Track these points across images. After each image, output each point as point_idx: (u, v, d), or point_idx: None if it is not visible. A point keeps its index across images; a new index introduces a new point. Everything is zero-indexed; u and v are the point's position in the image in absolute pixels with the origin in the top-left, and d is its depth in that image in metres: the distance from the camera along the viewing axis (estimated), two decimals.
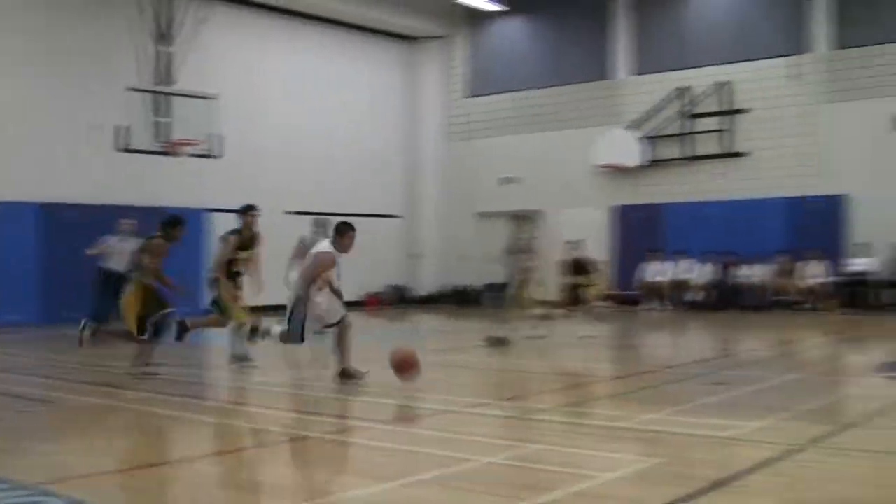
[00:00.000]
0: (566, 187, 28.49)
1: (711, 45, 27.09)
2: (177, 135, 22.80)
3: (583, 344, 16.52)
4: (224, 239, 13.36)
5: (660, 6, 28.07)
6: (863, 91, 24.75)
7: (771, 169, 25.59)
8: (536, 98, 29.59)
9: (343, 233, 11.73)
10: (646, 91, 27.57)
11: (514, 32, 30.54)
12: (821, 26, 25.56)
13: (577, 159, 27.91)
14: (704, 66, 26.90)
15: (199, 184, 24.73)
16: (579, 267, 18.12)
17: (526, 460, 7.54)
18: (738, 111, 26.43)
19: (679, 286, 25.97)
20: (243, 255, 13.31)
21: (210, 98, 22.80)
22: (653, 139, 27.31)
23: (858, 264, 24.07)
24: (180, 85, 23.53)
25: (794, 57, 25.80)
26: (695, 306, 25.54)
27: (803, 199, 24.97)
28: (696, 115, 26.93)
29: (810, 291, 24.15)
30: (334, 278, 11.90)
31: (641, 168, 27.27)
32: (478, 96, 31.00)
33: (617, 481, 6.81)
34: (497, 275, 23.96)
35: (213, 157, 23.10)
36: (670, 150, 27.22)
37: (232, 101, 24.43)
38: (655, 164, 27.27)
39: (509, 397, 10.79)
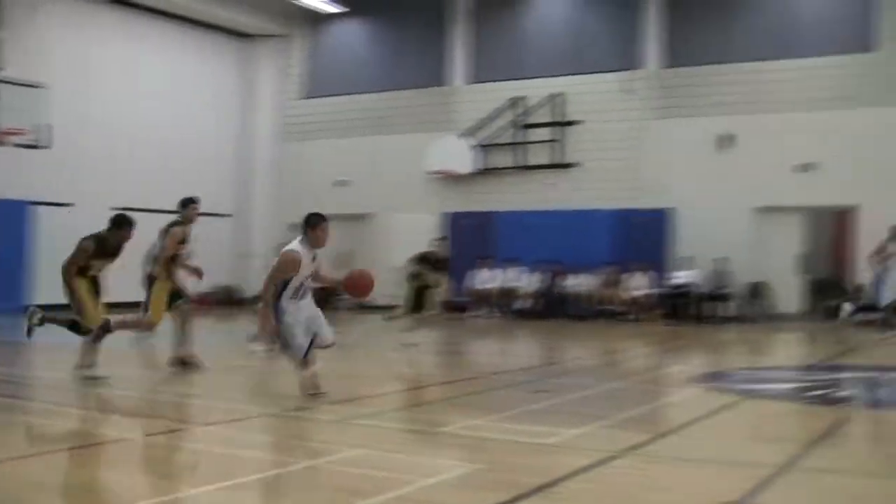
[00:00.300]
0: (399, 192, 28.56)
1: (547, 56, 27.52)
2: (3, 123, 22.12)
3: (408, 350, 16.50)
4: (167, 232, 12.93)
5: (498, 16, 28.38)
6: (690, 109, 25.51)
7: (600, 181, 26.10)
8: (373, 102, 29.59)
9: (315, 225, 10.42)
10: (481, 99, 27.83)
11: (353, 35, 30.49)
12: (653, 44, 26.25)
13: (411, 165, 27.99)
14: (539, 77, 27.32)
15: (24, 175, 24.00)
16: (439, 263, 18.08)
17: (348, 464, 7.50)
18: (570, 123, 26.90)
19: (507, 294, 26.25)
20: (182, 249, 12.99)
21: (39, 87, 22.19)
22: (486, 147, 27.57)
23: (681, 277, 24.74)
24: (8, 72, 22.82)
25: (626, 72, 26.43)
26: (523, 314, 25.85)
27: (630, 211, 25.53)
28: (530, 126, 27.30)
29: (635, 302, 24.70)
30: (305, 281, 10.43)
31: (474, 175, 27.51)
32: (315, 97, 30.83)
33: (438, 486, 6.82)
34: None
35: (41, 147, 22.47)
36: (503, 159, 27.53)
37: (62, 91, 23.84)
38: (488, 172, 27.56)
39: (334, 401, 10.73)
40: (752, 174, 24.60)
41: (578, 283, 25.55)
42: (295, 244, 10.39)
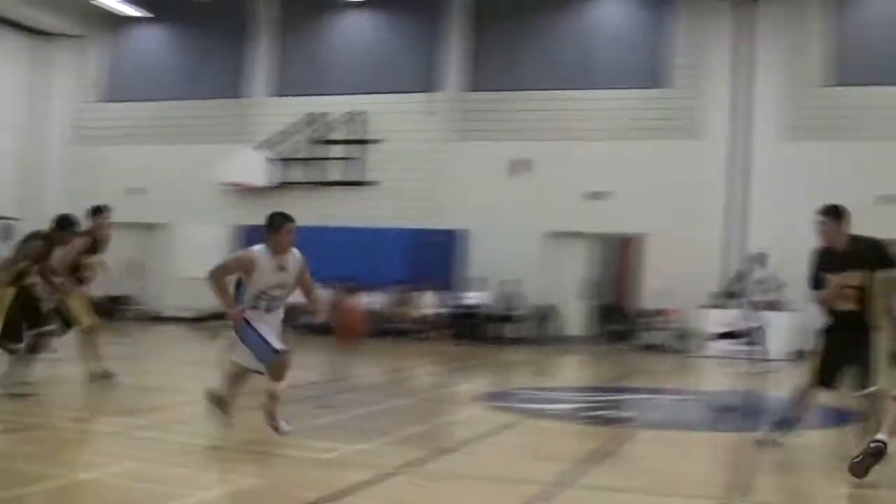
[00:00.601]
0: (193, 203, 28.03)
1: (349, 74, 27.55)
2: None
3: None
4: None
5: (302, 31, 28.25)
6: (490, 133, 25.90)
7: (397, 200, 26.23)
8: (171, 109, 28.98)
9: (278, 227, 9.09)
10: (281, 113, 27.62)
11: (155, 41, 29.88)
12: (455, 68, 26.60)
13: (206, 175, 27.50)
14: (341, 94, 27.29)
15: None
16: None
17: (125, 477, 7.34)
18: (369, 141, 26.99)
19: (298, 309, 26.01)
20: (91, 259, 12.32)
21: None
22: (284, 161, 27.40)
23: (472, 298, 25.04)
24: None
25: (427, 94, 26.68)
26: (313, 330, 25.67)
27: (425, 231, 25.73)
28: (329, 142, 27.27)
29: (425, 321, 24.86)
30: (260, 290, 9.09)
31: (270, 189, 27.24)
32: (112, 102, 30.02)
33: (217, 500, 6.76)
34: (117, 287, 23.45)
35: None
36: (300, 174, 27.40)
37: None
38: (284, 186, 27.34)
39: (116, 412, 10.49)
40: (545, 199, 25.12)
41: (371, 300, 25.57)
42: (256, 248, 9.14)
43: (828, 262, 9.01)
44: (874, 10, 24.44)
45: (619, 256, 25.76)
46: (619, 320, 24.74)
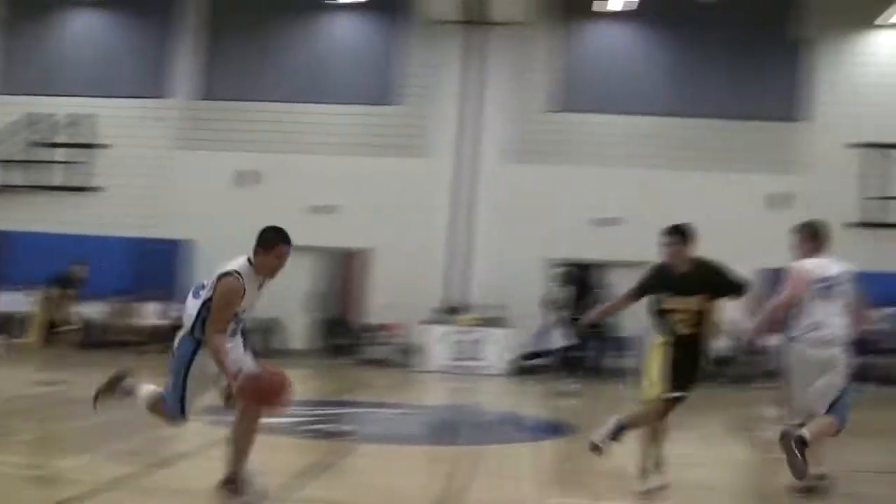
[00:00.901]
0: None
1: (77, 75, 26.67)
2: None
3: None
4: None
5: (28, 29, 27.15)
6: (219, 143, 25.63)
7: (122, 207, 25.56)
8: None
9: (272, 246, 7.49)
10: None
11: None
12: (185, 75, 26.23)
13: None
14: (66, 95, 26.40)
15: None
16: (77, 283, 17.28)
17: None
18: (95, 146, 26.21)
19: (10, 319, 24.92)
20: None
21: None
22: (2, 163, 26.27)
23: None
24: None
25: (156, 100, 26.18)
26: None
27: (148, 240, 25.15)
28: (53, 145, 26.32)
29: (146, 332, 24.27)
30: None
31: None
32: None
33: None
34: None
35: None
36: (19, 177, 26.32)
37: None
38: (2, 189, 26.24)
39: None
40: (271, 212, 24.70)
41: (92, 310, 24.76)
42: (238, 265, 7.49)
43: (663, 279, 8.94)
44: (595, 44, 25.75)
45: (344, 271, 25.90)
46: (344, 334, 24.91)
